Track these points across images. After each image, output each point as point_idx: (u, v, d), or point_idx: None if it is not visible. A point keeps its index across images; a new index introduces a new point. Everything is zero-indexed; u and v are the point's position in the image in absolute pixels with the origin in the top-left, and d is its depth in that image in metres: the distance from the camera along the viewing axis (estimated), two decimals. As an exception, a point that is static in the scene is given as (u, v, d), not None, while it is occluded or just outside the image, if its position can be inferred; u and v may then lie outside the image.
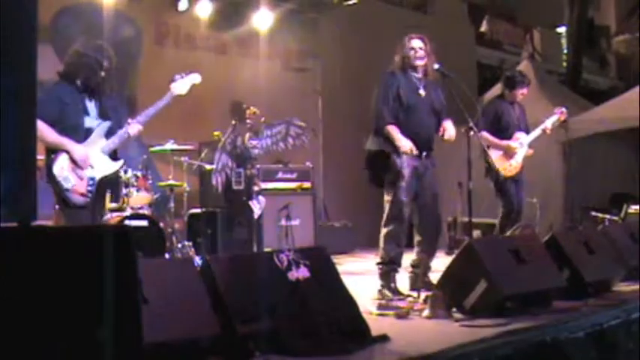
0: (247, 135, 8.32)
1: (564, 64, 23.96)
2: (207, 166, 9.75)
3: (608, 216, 12.62)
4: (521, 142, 9.30)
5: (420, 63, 7.51)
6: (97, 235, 3.42)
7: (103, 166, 6.59)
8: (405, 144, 7.25)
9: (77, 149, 6.41)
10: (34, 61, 3.25)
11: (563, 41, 25.29)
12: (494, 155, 9.07)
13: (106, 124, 6.65)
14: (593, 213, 12.87)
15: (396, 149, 7.31)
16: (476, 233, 9.08)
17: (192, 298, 4.55)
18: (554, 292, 6.65)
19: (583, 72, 22.20)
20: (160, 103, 6.91)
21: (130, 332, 3.35)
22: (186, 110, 9.38)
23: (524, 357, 5.11)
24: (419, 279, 7.32)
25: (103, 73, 6.56)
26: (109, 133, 6.66)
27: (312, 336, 4.81)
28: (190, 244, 9.43)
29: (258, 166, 9.36)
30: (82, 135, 6.49)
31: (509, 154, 9.20)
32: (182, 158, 9.67)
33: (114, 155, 6.74)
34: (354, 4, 14.01)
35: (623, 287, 7.51)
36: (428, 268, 7.43)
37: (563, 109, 9.82)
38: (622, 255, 7.84)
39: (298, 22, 13.75)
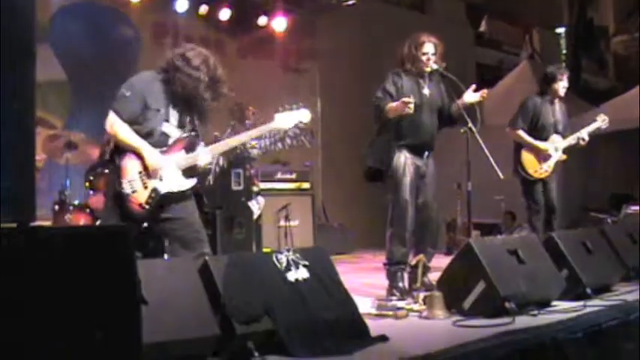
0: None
1: (563, 64, 23.96)
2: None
3: (607, 216, 12.64)
4: (557, 147, 9.11)
5: (428, 70, 7.48)
6: (95, 235, 3.42)
7: (172, 181, 5.81)
8: (401, 104, 7.13)
9: (153, 155, 5.74)
10: (32, 61, 3.25)
11: (562, 42, 25.33)
12: (526, 155, 8.99)
13: (190, 136, 5.96)
14: (592, 213, 12.90)
15: (398, 148, 7.32)
16: (475, 234, 9.07)
17: (191, 298, 4.55)
18: (553, 293, 6.66)
19: (582, 72, 22.21)
20: (255, 132, 6.45)
21: (129, 333, 3.35)
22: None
23: (522, 357, 5.10)
24: (418, 279, 7.31)
25: (202, 86, 5.87)
26: (190, 147, 5.94)
27: (312, 336, 4.81)
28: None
29: (257, 166, 9.36)
30: (155, 140, 5.81)
31: (542, 156, 9.02)
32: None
33: (188, 172, 5.92)
34: (353, 4, 14.02)
35: (622, 288, 7.50)
36: (427, 269, 7.42)
37: (606, 118, 9.55)
38: (621, 255, 7.84)
39: (297, 23, 13.76)
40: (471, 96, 7.48)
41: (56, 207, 8.70)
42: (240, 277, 4.81)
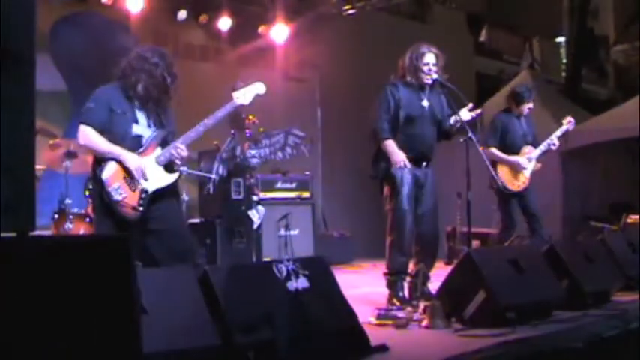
0: (246, 144, 8.32)
1: (563, 73, 24.00)
2: (207, 176, 9.75)
3: (607, 225, 12.63)
4: (529, 157, 9.26)
5: (429, 81, 7.49)
6: (95, 244, 3.42)
7: (156, 179, 5.97)
8: (398, 159, 7.26)
9: (131, 158, 5.88)
10: (32, 70, 3.24)
11: (562, 51, 25.36)
12: (502, 170, 9.14)
13: (161, 132, 6.11)
14: (592, 223, 12.89)
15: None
16: (475, 243, 9.09)
17: (191, 308, 4.54)
18: (553, 302, 6.65)
19: (582, 82, 22.23)
20: (219, 113, 6.34)
21: (129, 342, 3.35)
22: (185, 119, 9.40)
23: (523, 367, 5.11)
24: (418, 288, 7.31)
25: (167, 80, 6.03)
26: (163, 143, 6.10)
27: (312, 346, 4.81)
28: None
29: (257, 175, 9.37)
30: (129, 143, 5.94)
31: (517, 169, 9.19)
32: (181, 168, 9.65)
33: (169, 167, 6.10)
34: (353, 13, 14.04)
35: (622, 297, 7.50)
36: (427, 278, 7.41)
37: (571, 120, 9.76)
38: (621, 265, 7.85)
39: (297, 32, 13.77)
40: (465, 114, 7.50)
41: (56, 216, 8.70)
42: (240, 286, 4.81)
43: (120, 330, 3.27)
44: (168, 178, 6.07)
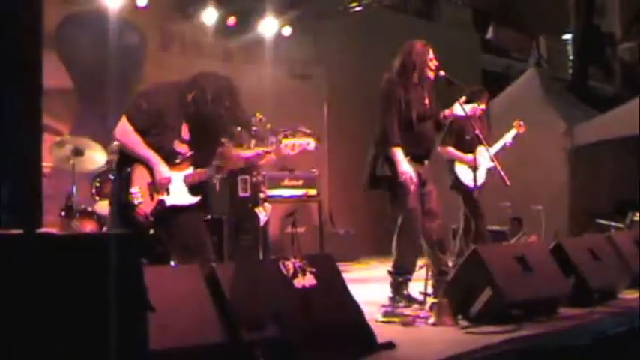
0: (253, 142, 8.31)
1: (570, 71, 23.98)
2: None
3: (613, 223, 12.62)
4: (484, 156, 9.22)
5: (432, 77, 7.46)
6: (102, 242, 3.42)
7: (178, 196, 5.85)
8: (405, 171, 7.22)
9: (162, 170, 5.75)
10: (39, 69, 3.25)
11: (569, 48, 25.33)
12: (460, 169, 9.46)
13: (200, 156, 5.96)
14: (599, 220, 12.87)
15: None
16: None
17: (197, 305, 4.55)
18: (560, 299, 6.65)
19: (588, 79, 22.20)
20: (261, 161, 6.35)
21: (136, 340, 3.35)
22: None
23: (529, 364, 5.11)
24: (441, 285, 7.26)
25: (220, 119, 5.84)
26: (197, 164, 5.95)
27: (318, 343, 4.81)
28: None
29: (263, 173, 9.37)
30: (165, 155, 5.81)
31: (473, 167, 8.74)
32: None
33: (194, 189, 5.95)
34: (360, 11, 14.03)
35: (629, 294, 7.50)
36: (444, 273, 7.38)
37: (521, 122, 10.12)
38: (627, 262, 7.84)
39: (303, 29, 13.76)
40: (459, 109, 7.47)
41: (63, 213, 8.73)
42: (247, 283, 4.81)
43: (126, 327, 3.28)
44: (189, 199, 5.92)
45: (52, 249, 3.20)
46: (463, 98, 7.55)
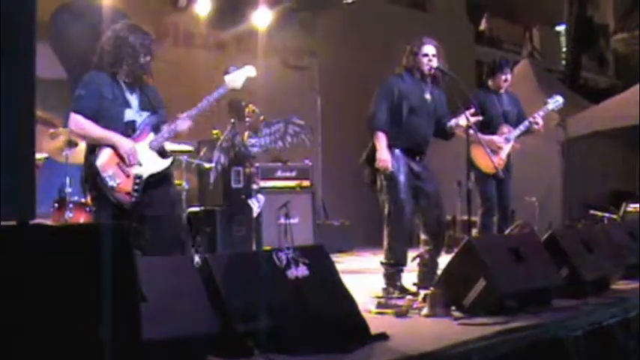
0: (246, 133, 8.29)
1: (563, 62, 24.02)
2: (206, 165, 9.74)
3: (607, 214, 12.65)
4: (507, 138, 8.81)
5: (428, 71, 7.45)
6: (95, 232, 3.42)
7: (150, 164, 6.00)
8: (382, 158, 7.23)
9: (124, 143, 5.85)
10: (32, 58, 3.24)
11: (563, 40, 25.36)
12: (476, 151, 8.18)
13: (153, 117, 6.14)
14: (592, 211, 12.90)
15: (392, 148, 7.32)
16: (475, 232, 9.04)
17: (190, 296, 4.54)
18: (553, 291, 6.64)
19: (582, 70, 22.22)
20: (212, 97, 6.36)
21: (128, 330, 3.35)
22: (185, 109, 9.41)
23: (523, 355, 5.11)
24: (427, 277, 7.31)
25: (148, 59, 6.06)
26: (156, 128, 6.14)
27: (312, 334, 4.81)
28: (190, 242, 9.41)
29: (257, 164, 9.34)
30: (122, 129, 5.93)
31: (492, 150, 8.45)
32: (181, 156, 9.63)
33: (162, 152, 6.14)
34: (353, 1, 14.01)
35: (622, 285, 7.51)
36: (435, 265, 7.40)
37: (558, 99, 9.10)
38: (621, 253, 7.85)
39: (296, 19, 13.75)
40: (464, 119, 7.43)
41: (56, 205, 8.70)
42: (240, 274, 4.81)
43: (119, 318, 3.27)
44: (162, 163, 6.09)
45: (45, 240, 3.19)
46: (472, 110, 7.45)
